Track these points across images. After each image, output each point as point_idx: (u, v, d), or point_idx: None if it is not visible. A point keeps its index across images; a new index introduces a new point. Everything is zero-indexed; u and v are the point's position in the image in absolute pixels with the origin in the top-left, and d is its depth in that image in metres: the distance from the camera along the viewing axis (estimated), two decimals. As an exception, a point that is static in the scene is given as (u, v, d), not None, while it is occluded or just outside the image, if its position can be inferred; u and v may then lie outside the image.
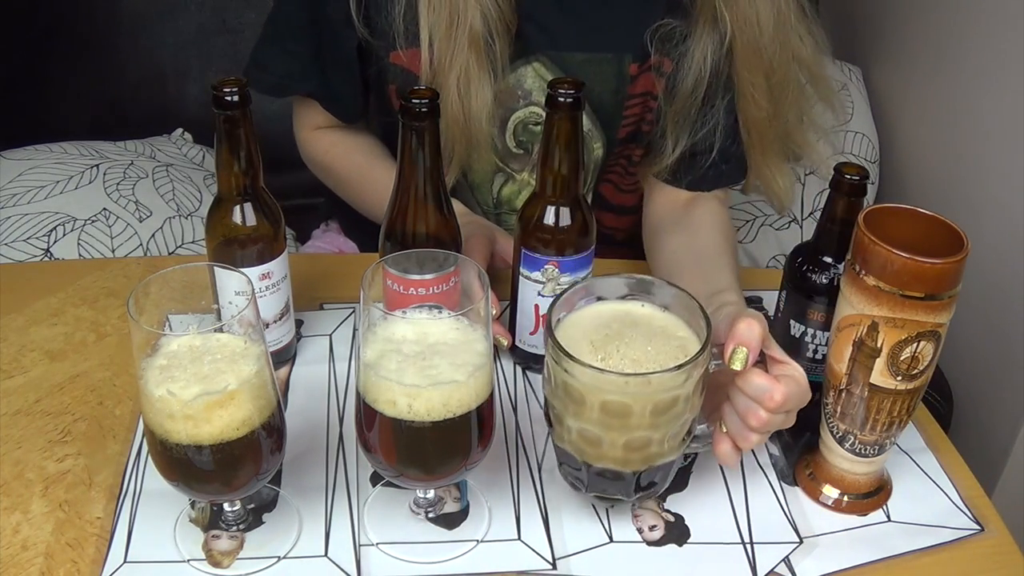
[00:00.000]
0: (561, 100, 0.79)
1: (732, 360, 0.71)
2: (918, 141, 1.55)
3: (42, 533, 0.74)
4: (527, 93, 1.06)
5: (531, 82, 1.06)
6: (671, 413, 0.68)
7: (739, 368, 0.71)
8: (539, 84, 1.05)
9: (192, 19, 1.57)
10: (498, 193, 1.13)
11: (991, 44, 1.35)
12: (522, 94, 1.06)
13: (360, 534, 0.76)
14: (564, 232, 0.84)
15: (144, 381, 0.66)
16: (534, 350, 0.90)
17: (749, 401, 0.72)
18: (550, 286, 0.85)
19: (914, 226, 0.74)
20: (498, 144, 1.09)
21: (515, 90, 1.05)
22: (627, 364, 0.70)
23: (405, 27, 1.00)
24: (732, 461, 0.76)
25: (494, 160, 1.09)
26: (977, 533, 0.79)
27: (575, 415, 0.69)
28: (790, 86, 1.03)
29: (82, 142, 1.43)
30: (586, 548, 0.76)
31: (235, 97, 0.77)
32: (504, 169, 1.11)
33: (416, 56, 1.01)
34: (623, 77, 1.04)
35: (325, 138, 1.15)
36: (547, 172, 0.82)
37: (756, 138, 1.05)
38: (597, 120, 1.08)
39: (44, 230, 1.26)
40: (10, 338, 0.94)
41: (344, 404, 0.88)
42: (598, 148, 1.10)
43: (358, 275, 0.69)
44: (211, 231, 0.83)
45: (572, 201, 0.83)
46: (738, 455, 0.75)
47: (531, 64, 1.05)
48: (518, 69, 1.05)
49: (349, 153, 1.15)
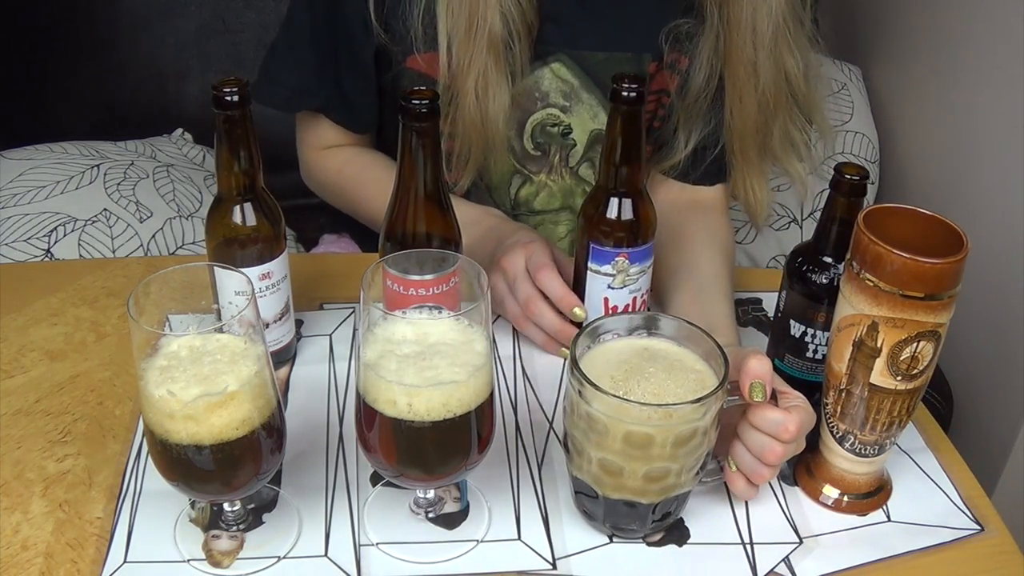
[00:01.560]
0: (625, 94, 0.80)
1: (752, 393, 0.73)
2: (918, 141, 1.55)
3: (42, 533, 0.74)
4: (544, 95, 1.06)
5: (548, 83, 1.06)
6: (690, 445, 0.69)
7: (760, 399, 0.73)
8: (556, 85, 1.06)
9: (192, 19, 1.57)
10: (516, 195, 1.13)
11: (991, 44, 1.35)
12: (539, 96, 1.06)
13: (360, 534, 0.76)
14: (633, 223, 0.85)
15: (144, 381, 0.66)
16: None
17: (764, 438, 0.74)
18: (620, 278, 0.85)
19: (914, 226, 0.74)
20: (515, 146, 1.09)
21: (532, 92, 1.06)
22: (648, 398, 0.71)
23: (423, 31, 0.99)
24: (751, 495, 0.78)
25: (512, 162, 1.09)
26: (977, 533, 0.79)
27: (597, 445, 0.70)
28: (779, 101, 1.02)
29: (82, 142, 1.43)
30: (586, 548, 0.76)
31: (235, 97, 0.77)
32: (522, 171, 1.11)
33: (434, 60, 1.00)
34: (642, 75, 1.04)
35: (337, 156, 1.13)
36: (612, 165, 0.83)
37: (737, 146, 1.05)
38: None
39: (45, 230, 1.26)
40: (10, 338, 0.94)
41: (344, 404, 0.88)
42: None
43: (358, 275, 0.69)
44: (211, 231, 0.83)
45: (636, 192, 0.84)
46: (756, 489, 0.78)
47: (549, 65, 1.05)
48: (536, 71, 1.05)
49: (366, 169, 1.13)
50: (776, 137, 1.04)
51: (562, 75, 1.05)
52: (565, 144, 1.09)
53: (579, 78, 1.06)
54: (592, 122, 1.09)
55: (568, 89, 1.07)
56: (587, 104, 1.08)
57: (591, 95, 1.07)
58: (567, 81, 1.06)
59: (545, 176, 1.11)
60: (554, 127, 1.08)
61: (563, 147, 1.10)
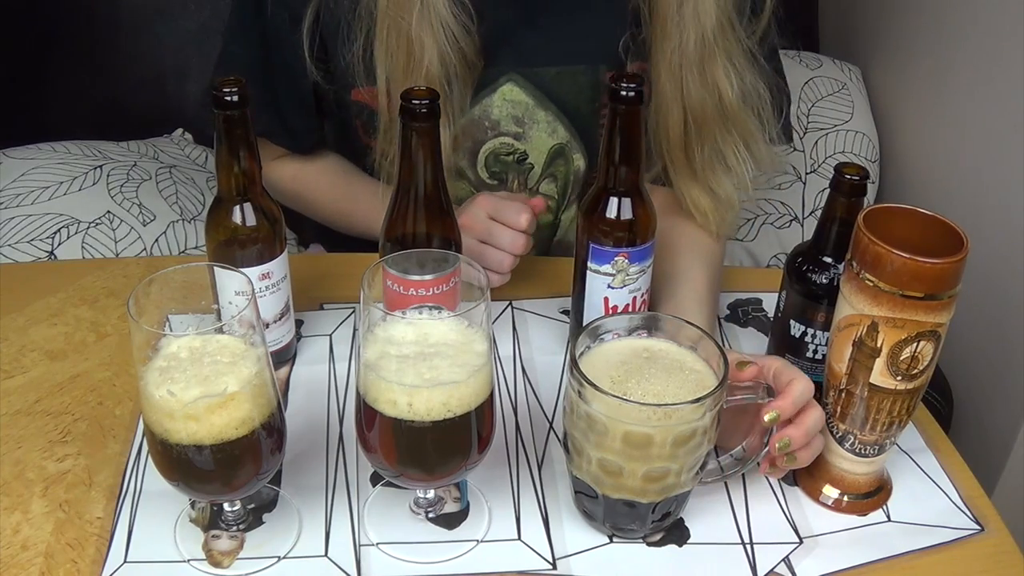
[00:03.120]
0: (623, 94, 0.79)
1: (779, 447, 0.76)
2: (918, 141, 1.55)
3: (42, 533, 0.74)
4: (495, 124, 1.06)
5: (498, 111, 1.06)
6: (690, 445, 0.69)
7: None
8: (507, 111, 1.06)
9: (192, 19, 1.57)
10: None
11: (991, 44, 1.35)
12: (490, 125, 1.06)
13: (360, 534, 0.76)
14: (633, 223, 0.84)
15: (144, 382, 0.66)
16: None
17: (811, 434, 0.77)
18: (620, 277, 0.85)
19: (914, 226, 0.74)
20: (470, 176, 1.09)
21: (482, 121, 1.05)
22: (648, 398, 0.71)
23: (364, 67, 1.00)
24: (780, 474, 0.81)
25: (469, 189, 1.10)
26: (977, 533, 0.79)
27: (597, 445, 0.70)
28: (705, 120, 0.99)
29: (85, 142, 1.43)
30: (586, 548, 0.76)
31: (235, 97, 0.77)
32: None
33: (375, 92, 1.01)
34: (598, 86, 1.05)
35: (289, 165, 1.14)
36: (611, 165, 0.83)
37: (667, 157, 1.02)
38: (575, 131, 1.08)
39: (48, 232, 1.26)
40: (10, 338, 0.94)
41: (344, 404, 0.88)
42: (579, 160, 1.10)
43: (358, 275, 0.69)
44: (211, 231, 0.83)
45: (636, 191, 0.84)
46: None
47: (498, 90, 1.05)
48: (484, 99, 1.05)
49: (321, 174, 1.15)
50: (704, 154, 1.00)
51: (513, 97, 1.05)
52: (521, 170, 1.10)
53: (533, 96, 1.06)
54: (551, 138, 1.08)
55: (520, 112, 1.06)
56: (543, 122, 1.07)
57: (547, 111, 1.07)
58: (519, 102, 1.06)
59: None
60: (508, 155, 1.08)
61: (520, 172, 1.10)
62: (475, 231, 0.94)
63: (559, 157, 1.10)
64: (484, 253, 0.94)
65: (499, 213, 0.94)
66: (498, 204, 0.95)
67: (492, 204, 0.95)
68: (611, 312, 0.87)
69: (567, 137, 1.08)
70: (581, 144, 1.09)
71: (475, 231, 0.94)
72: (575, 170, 1.11)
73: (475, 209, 0.95)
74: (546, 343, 0.97)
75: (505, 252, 0.94)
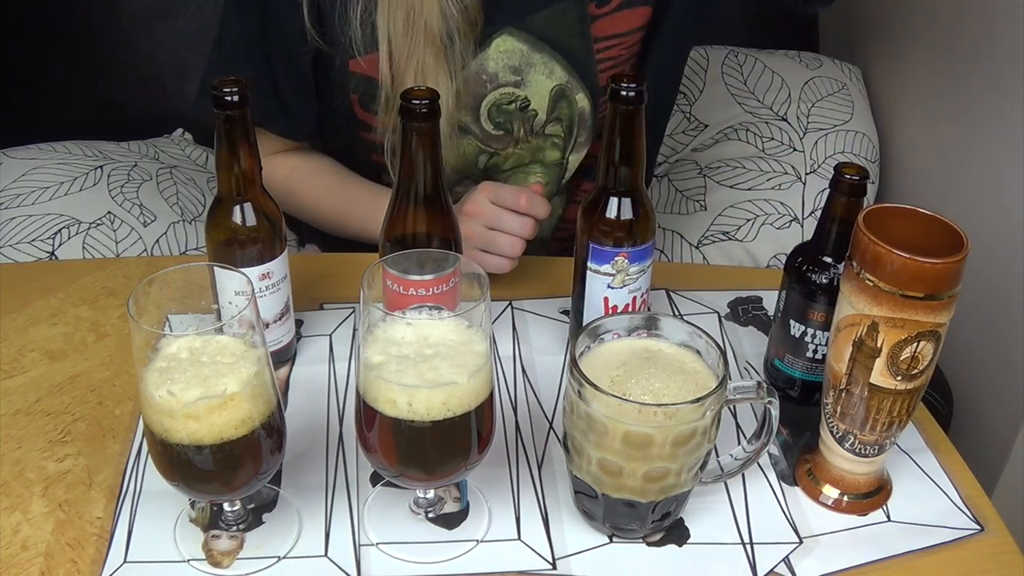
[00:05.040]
0: (623, 94, 0.79)
1: None
2: (918, 141, 1.55)
3: (42, 533, 0.74)
4: (493, 76, 1.07)
5: (494, 63, 1.07)
6: (690, 445, 0.69)
7: None
8: (503, 62, 1.07)
9: (192, 19, 1.57)
10: (484, 166, 1.15)
11: (991, 44, 1.35)
12: (488, 78, 1.07)
13: (360, 534, 0.76)
14: (632, 223, 0.84)
15: (144, 382, 0.66)
16: None
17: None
18: (619, 277, 0.85)
19: (914, 226, 0.73)
20: (475, 130, 1.10)
21: (479, 76, 1.07)
22: (648, 398, 0.71)
23: (363, 33, 1.01)
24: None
25: (476, 144, 1.11)
26: (977, 533, 0.79)
27: (597, 445, 0.70)
28: None
29: (85, 142, 1.43)
30: (586, 548, 0.76)
31: (235, 97, 0.77)
32: (487, 149, 1.12)
33: (375, 62, 1.02)
34: (586, 19, 1.06)
35: (284, 163, 1.14)
36: (611, 165, 0.83)
37: None
38: (573, 70, 1.09)
39: (49, 232, 1.26)
40: (10, 338, 0.94)
41: (344, 404, 0.88)
42: (582, 100, 1.11)
43: (358, 275, 0.69)
44: (211, 231, 0.83)
45: (636, 191, 0.84)
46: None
47: (492, 43, 1.06)
48: (478, 56, 1.06)
49: (314, 175, 1.15)
50: None
51: (508, 47, 1.06)
52: (526, 117, 1.11)
53: (526, 42, 1.07)
54: (549, 80, 1.09)
55: (516, 61, 1.07)
56: (540, 64, 1.08)
57: (541, 54, 1.08)
58: (514, 51, 1.07)
59: (512, 148, 1.12)
60: (510, 104, 1.09)
61: (524, 120, 1.11)
62: (482, 217, 0.96)
63: (561, 99, 1.11)
64: (495, 239, 0.96)
65: (500, 198, 0.96)
66: (499, 189, 0.97)
67: (493, 190, 0.97)
68: (611, 312, 0.87)
69: (565, 77, 1.09)
70: (581, 83, 1.10)
71: (482, 217, 0.96)
72: (579, 111, 1.12)
73: (478, 196, 0.98)
74: (546, 343, 0.97)
75: (515, 236, 0.96)
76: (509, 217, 0.96)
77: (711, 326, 1.00)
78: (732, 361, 0.95)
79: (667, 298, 1.04)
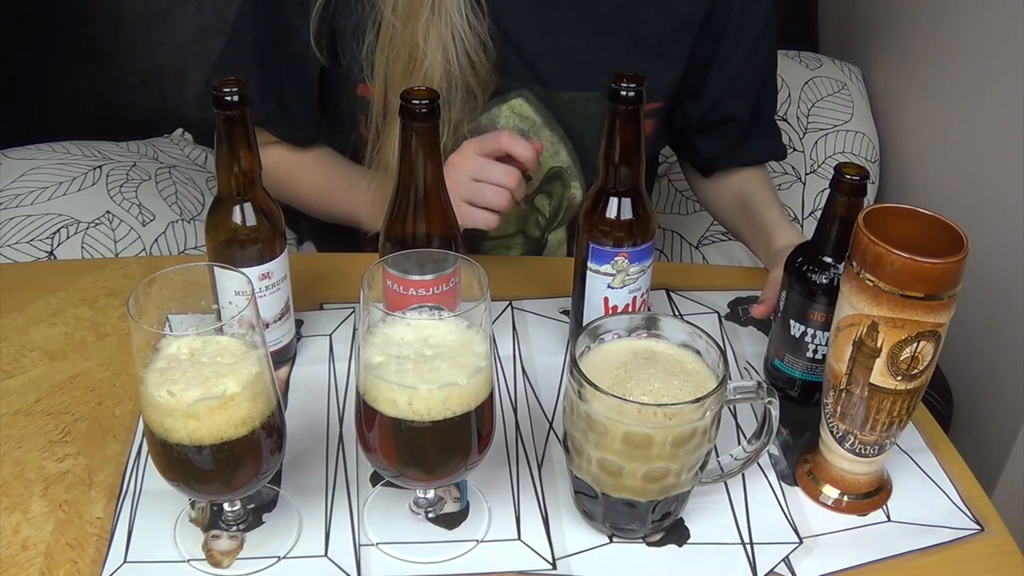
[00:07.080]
0: (623, 94, 0.79)
1: None
2: (918, 141, 1.55)
3: (42, 533, 0.74)
4: None
5: (505, 121, 1.06)
6: (690, 445, 0.69)
7: None
8: (514, 123, 1.06)
9: (192, 19, 1.57)
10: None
11: (991, 44, 1.35)
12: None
13: (360, 534, 0.76)
14: (632, 223, 0.84)
15: (144, 382, 0.66)
16: None
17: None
18: (620, 277, 0.85)
19: (914, 226, 0.74)
20: None
21: (487, 129, 1.05)
22: (648, 398, 0.71)
23: (367, 64, 1.01)
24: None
25: None
26: (977, 533, 0.79)
27: (597, 445, 0.70)
28: None
29: (84, 142, 1.43)
30: (586, 548, 0.76)
31: (235, 97, 0.77)
32: None
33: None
34: None
35: (274, 152, 1.13)
36: (611, 165, 0.83)
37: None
38: (578, 158, 1.09)
39: (48, 232, 1.26)
40: (10, 338, 0.94)
41: (344, 404, 0.88)
42: (575, 188, 1.11)
43: (358, 275, 0.69)
44: (211, 231, 0.83)
45: (636, 192, 0.84)
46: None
47: (509, 102, 1.05)
48: (493, 108, 1.05)
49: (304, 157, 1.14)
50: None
51: (522, 111, 1.05)
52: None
53: (541, 115, 1.06)
54: (552, 160, 1.09)
55: (527, 128, 1.07)
56: (547, 142, 1.07)
57: (553, 132, 1.07)
58: (527, 118, 1.06)
59: None
60: None
61: None
62: (468, 167, 0.94)
63: (556, 179, 1.10)
64: (481, 190, 0.95)
65: (483, 145, 0.95)
66: (482, 137, 0.96)
67: (477, 140, 0.96)
68: (611, 312, 0.87)
69: (568, 162, 1.09)
70: (580, 173, 1.10)
71: (468, 167, 0.94)
72: (570, 196, 1.12)
73: (464, 147, 0.96)
74: (546, 343, 0.97)
75: (502, 187, 0.94)
76: (493, 167, 0.94)
77: (711, 326, 1.00)
78: (732, 361, 0.95)
79: (667, 298, 1.04)
